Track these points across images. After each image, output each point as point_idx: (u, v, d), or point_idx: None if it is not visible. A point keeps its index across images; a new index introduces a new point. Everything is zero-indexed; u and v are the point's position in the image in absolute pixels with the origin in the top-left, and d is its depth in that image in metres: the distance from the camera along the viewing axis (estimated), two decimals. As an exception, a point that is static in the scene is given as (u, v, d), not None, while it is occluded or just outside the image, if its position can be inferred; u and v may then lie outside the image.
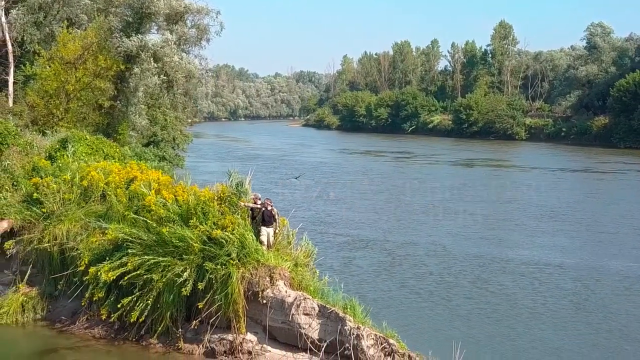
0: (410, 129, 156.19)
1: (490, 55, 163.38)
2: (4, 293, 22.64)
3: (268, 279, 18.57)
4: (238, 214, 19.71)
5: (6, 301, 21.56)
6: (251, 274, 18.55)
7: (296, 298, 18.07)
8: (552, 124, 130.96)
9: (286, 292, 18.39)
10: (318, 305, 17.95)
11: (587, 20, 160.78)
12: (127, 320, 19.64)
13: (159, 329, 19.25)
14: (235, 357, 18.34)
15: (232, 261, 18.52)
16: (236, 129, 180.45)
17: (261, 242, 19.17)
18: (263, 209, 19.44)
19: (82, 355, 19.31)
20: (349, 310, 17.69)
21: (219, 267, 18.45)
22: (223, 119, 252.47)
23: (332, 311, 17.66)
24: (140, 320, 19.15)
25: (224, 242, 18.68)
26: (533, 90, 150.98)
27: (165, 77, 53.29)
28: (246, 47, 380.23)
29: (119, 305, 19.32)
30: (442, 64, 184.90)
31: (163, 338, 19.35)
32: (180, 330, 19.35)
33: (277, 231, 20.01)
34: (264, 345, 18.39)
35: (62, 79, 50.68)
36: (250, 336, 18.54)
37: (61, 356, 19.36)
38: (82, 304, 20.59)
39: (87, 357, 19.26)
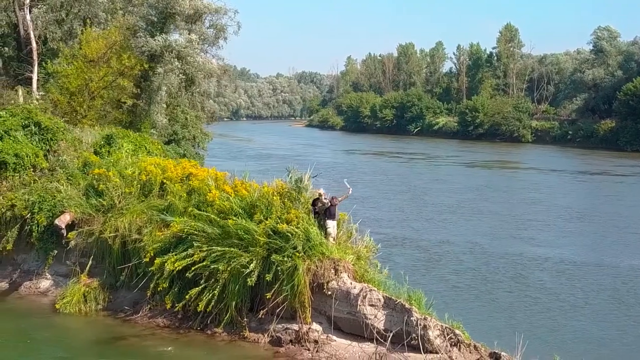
0: (416, 130, 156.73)
1: (495, 58, 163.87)
2: (63, 284, 23.36)
3: (333, 271, 19.19)
4: (300, 208, 20.39)
5: (69, 291, 22.18)
6: (316, 266, 19.11)
7: (362, 290, 18.70)
8: (558, 127, 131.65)
9: (351, 284, 19.03)
10: (383, 297, 18.55)
11: (591, 24, 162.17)
12: (191, 309, 20.36)
13: (225, 318, 19.84)
14: (302, 345, 18.89)
15: (297, 254, 19.06)
16: (240, 128, 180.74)
17: (328, 235, 19.83)
18: (330, 204, 20.11)
19: (150, 343, 19.78)
20: (414, 302, 18.36)
21: (285, 259, 19.07)
22: (225, 119, 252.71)
23: (397, 302, 18.26)
24: (208, 309, 19.77)
25: (290, 235, 19.30)
26: (538, 93, 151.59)
27: (184, 77, 53.99)
28: (247, 47, 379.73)
29: (186, 296, 19.94)
30: (447, 66, 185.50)
31: (228, 327, 19.86)
32: (245, 319, 20.01)
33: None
34: (329, 335, 18.95)
35: (86, 77, 51.32)
36: (315, 326, 19.09)
37: (130, 343, 19.80)
38: (147, 294, 21.21)
39: (154, 344, 19.71)
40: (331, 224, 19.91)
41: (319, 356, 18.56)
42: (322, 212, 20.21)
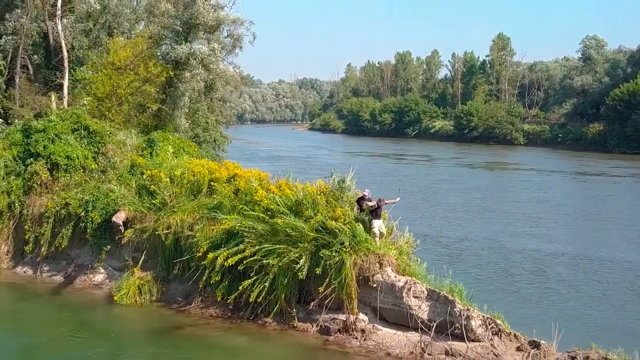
0: (414, 133, 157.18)
1: (488, 65, 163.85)
2: (117, 277, 23.58)
3: (377, 265, 19.42)
4: (346, 206, 20.63)
5: (124, 284, 22.39)
6: (362, 260, 19.34)
7: (407, 282, 18.91)
8: (548, 130, 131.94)
9: (395, 277, 19.24)
10: (427, 289, 18.77)
11: (578, 33, 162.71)
12: (242, 301, 20.55)
13: (275, 309, 20.06)
14: (350, 334, 19.12)
15: (344, 249, 19.32)
16: (246, 132, 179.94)
17: (374, 234, 20.04)
18: (377, 206, 20.32)
19: (206, 332, 20.01)
20: (456, 294, 18.58)
21: (333, 254, 19.29)
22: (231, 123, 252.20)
23: (441, 295, 18.49)
24: (259, 300, 19.99)
25: (338, 231, 19.54)
26: (529, 99, 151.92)
27: (204, 83, 54.19)
28: (251, 54, 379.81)
29: (240, 288, 20.14)
30: (442, 72, 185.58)
31: (277, 317, 20.08)
32: (294, 310, 20.23)
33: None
34: (375, 325, 19.16)
35: (114, 84, 51.54)
36: (362, 316, 19.31)
37: (186, 332, 20.01)
38: (199, 286, 21.44)
39: (210, 333, 19.95)
40: (377, 224, 20.09)
41: (366, 344, 18.79)
42: (368, 212, 20.41)
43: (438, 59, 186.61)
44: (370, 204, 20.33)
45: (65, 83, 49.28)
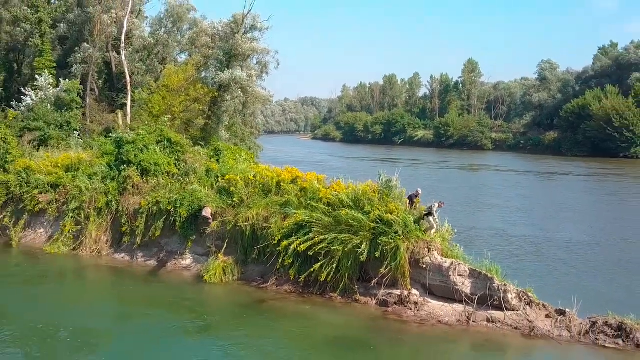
0: (400, 141, 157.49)
1: (461, 85, 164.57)
2: (202, 261, 23.69)
3: (426, 249, 19.61)
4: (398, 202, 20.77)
5: (212, 266, 22.50)
6: (413, 246, 19.53)
7: (452, 263, 19.07)
8: (512, 138, 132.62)
9: (442, 259, 19.42)
10: (469, 269, 18.92)
11: (532, 58, 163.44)
12: (312, 279, 20.71)
13: (340, 286, 20.23)
14: (405, 306, 19.26)
15: (399, 237, 19.52)
16: (263, 140, 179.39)
17: (429, 228, 20.03)
18: (431, 205, 20.35)
19: (282, 304, 20.14)
20: (493, 272, 18.76)
21: (390, 241, 19.48)
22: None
23: (482, 273, 18.68)
24: (328, 279, 20.14)
25: (393, 222, 19.72)
26: (495, 112, 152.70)
27: (240, 102, 54.38)
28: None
29: (311, 269, 20.34)
30: (422, 91, 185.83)
31: (342, 293, 20.22)
32: (355, 287, 20.40)
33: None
34: (426, 298, 19.35)
35: (168, 103, 51.68)
36: (414, 291, 19.50)
37: (267, 304, 20.12)
38: (273, 268, 21.59)
39: (286, 305, 20.08)
40: (432, 220, 20.14)
41: (419, 314, 18.93)
42: (425, 211, 20.42)
43: (419, 80, 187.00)
44: (424, 207, 20.49)
45: (129, 103, 49.46)
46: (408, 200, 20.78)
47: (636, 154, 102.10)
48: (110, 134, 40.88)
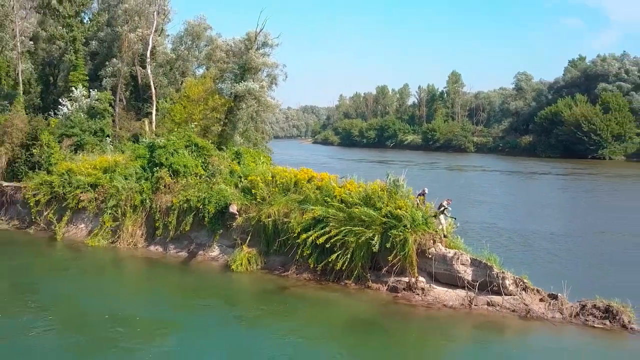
0: (392, 144, 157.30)
1: (445, 94, 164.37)
2: (228, 252, 23.67)
3: (431, 241, 19.63)
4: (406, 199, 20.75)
5: (238, 256, 22.52)
6: (420, 238, 19.54)
7: (455, 253, 19.09)
8: (492, 141, 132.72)
9: (446, 249, 19.44)
10: (470, 258, 18.96)
11: (510, 69, 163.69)
12: (328, 268, 20.69)
13: (354, 274, 20.25)
14: (413, 292, 19.26)
15: (407, 230, 19.53)
16: (269, 144, 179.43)
17: (441, 224, 19.94)
18: (444, 206, 20.20)
19: (302, 290, 20.17)
20: (492, 261, 18.78)
21: (399, 233, 19.50)
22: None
23: (482, 262, 18.70)
24: (343, 268, 20.14)
25: (402, 217, 19.73)
26: (476, 118, 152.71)
27: (252, 110, 54.40)
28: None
29: (328, 259, 20.33)
30: (411, 100, 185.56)
31: (356, 280, 20.25)
32: (368, 274, 20.40)
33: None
34: (431, 284, 19.37)
35: (188, 112, 51.67)
36: (421, 278, 19.50)
37: (288, 290, 20.16)
38: (293, 258, 21.59)
39: (305, 291, 20.11)
40: (442, 218, 20.07)
41: (426, 299, 18.94)
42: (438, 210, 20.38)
43: (408, 90, 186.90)
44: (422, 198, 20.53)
45: (154, 112, 49.46)
46: (418, 198, 20.69)
47: (603, 155, 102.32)
48: (140, 140, 40.98)
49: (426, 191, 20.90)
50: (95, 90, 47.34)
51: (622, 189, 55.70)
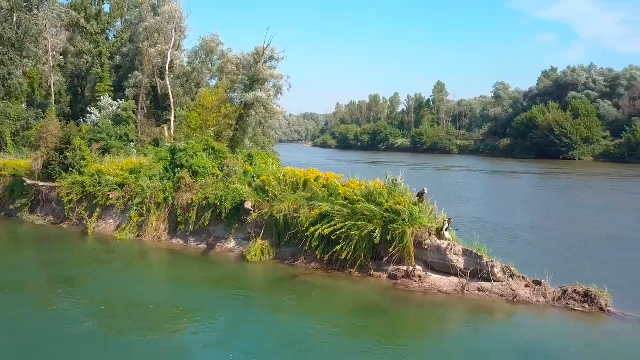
0: (383, 147, 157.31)
1: (431, 102, 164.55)
2: (243, 244, 23.58)
3: (427, 234, 19.54)
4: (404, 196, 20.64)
5: (252, 248, 22.40)
6: (417, 230, 19.48)
7: (449, 244, 19.01)
8: (473, 144, 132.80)
9: (441, 241, 19.40)
10: (462, 249, 18.90)
11: (490, 79, 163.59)
12: (334, 258, 20.58)
13: (357, 263, 20.15)
14: (411, 279, 19.16)
15: (405, 224, 19.47)
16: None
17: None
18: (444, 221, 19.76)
19: (311, 278, 20.01)
20: (482, 251, 18.72)
21: (398, 227, 19.44)
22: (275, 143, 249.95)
23: (473, 252, 18.64)
24: (347, 258, 20.06)
25: (401, 212, 19.67)
26: (459, 124, 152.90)
27: (261, 116, 54.36)
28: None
29: (334, 250, 20.26)
30: (400, 107, 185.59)
31: (359, 269, 20.10)
32: (370, 264, 20.34)
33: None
34: (427, 272, 19.29)
35: (203, 119, 51.57)
36: (418, 267, 19.44)
37: (299, 278, 20.02)
38: (302, 249, 21.53)
39: (314, 279, 19.95)
40: (448, 234, 19.58)
41: (423, 285, 18.85)
42: (417, 198, 20.37)
43: (398, 98, 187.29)
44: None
45: (172, 119, 49.42)
46: (417, 198, 20.58)
47: (573, 156, 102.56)
48: (160, 144, 40.84)
49: (425, 191, 20.73)
50: (120, 99, 47.36)
51: (595, 186, 55.74)
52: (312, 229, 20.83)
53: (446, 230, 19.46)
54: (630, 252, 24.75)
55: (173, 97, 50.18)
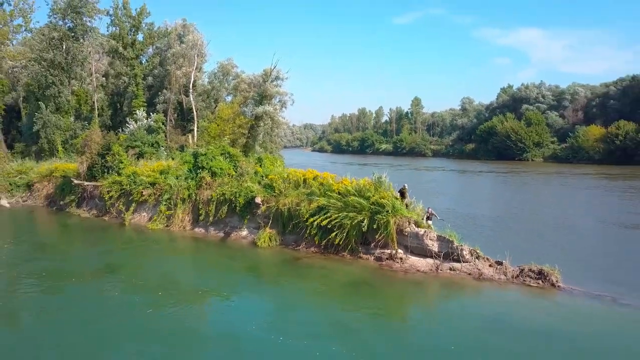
0: (370, 152, 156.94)
1: (410, 114, 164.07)
2: (254, 233, 23.31)
3: (407, 222, 19.33)
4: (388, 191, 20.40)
5: (261, 236, 22.18)
6: (399, 220, 19.29)
7: (425, 232, 18.80)
8: (444, 148, 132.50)
9: (418, 229, 19.15)
10: (436, 235, 18.72)
11: (457, 93, 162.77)
12: (329, 243, 20.35)
13: (349, 247, 19.94)
14: (394, 260, 18.95)
15: (389, 214, 19.26)
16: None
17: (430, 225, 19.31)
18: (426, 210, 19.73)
19: (312, 260, 19.79)
20: (453, 237, 18.51)
21: (383, 217, 19.22)
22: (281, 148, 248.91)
23: (445, 238, 18.44)
24: (340, 243, 19.85)
25: (385, 205, 19.44)
26: (432, 132, 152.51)
27: (269, 126, 53.90)
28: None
29: (329, 236, 20.02)
30: (384, 118, 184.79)
31: (350, 252, 19.93)
32: (359, 248, 20.11)
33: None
34: (407, 255, 19.10)
35: (221, 129, 51.16)
36: (400, 251, 19.25)
37: (301, 261, 19.79)
38: (303, 236, 21.28)
39: (314, 261, 19.71)
40: (431, 223, 19.46)
41: (404, 266, 18.65)
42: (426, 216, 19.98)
43: (382, 110, 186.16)
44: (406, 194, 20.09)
45: (195, 129, 49.01)
46: (399, 194, 20.33)
47: (526, 157, 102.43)
48: (185, 150, 40.51)
49: (406, 187, 20.49)
50: (152, 113, 47.06)
51: (548, 182, 55.47)
52: (312, 219, 20.62)
53: (429, 220, 19.16)
54: (577, 236, 24.61)
55: (196, 111, 49.88)
